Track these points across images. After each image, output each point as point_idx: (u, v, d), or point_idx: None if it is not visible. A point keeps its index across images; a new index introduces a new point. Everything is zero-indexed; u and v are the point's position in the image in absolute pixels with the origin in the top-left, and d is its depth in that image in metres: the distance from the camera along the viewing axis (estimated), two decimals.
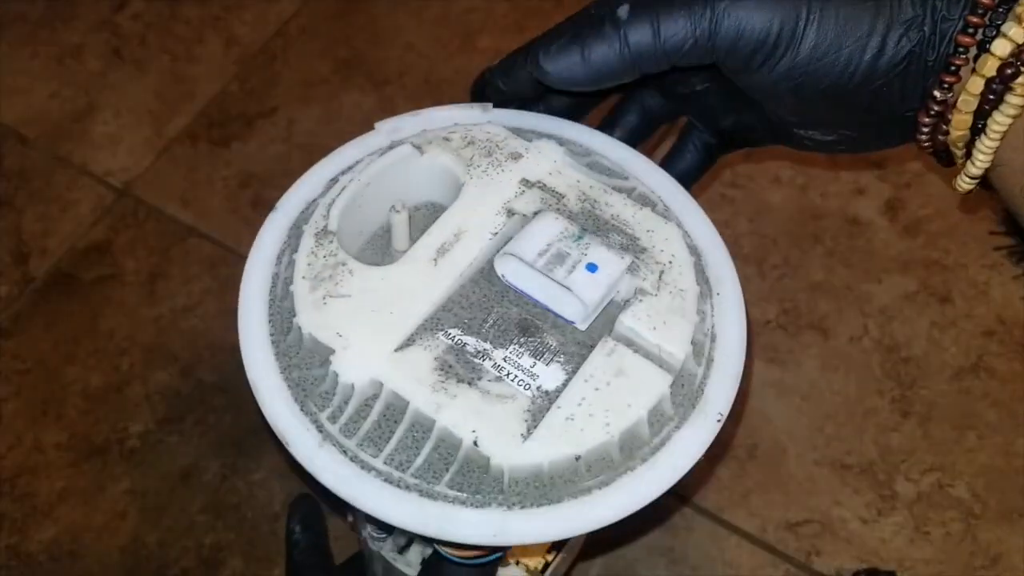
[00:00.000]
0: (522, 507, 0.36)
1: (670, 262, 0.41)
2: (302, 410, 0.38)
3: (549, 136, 0.45)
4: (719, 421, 0.38)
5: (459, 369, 0.37)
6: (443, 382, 0.37)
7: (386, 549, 0.47)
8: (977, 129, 0.33)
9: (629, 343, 0.39)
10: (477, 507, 0.36)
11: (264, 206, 0.86)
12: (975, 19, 0.31)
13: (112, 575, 0.69)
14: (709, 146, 0.45)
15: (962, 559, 0.63)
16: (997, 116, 0.32)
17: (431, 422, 0.36)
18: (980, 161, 0.33)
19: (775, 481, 0.67)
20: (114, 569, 0.69)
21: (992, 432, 0.66)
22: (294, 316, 0.39)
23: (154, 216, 0.87)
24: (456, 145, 0.44)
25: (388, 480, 0.36)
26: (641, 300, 0.39)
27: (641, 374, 0.38)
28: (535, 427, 0.36)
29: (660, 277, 0.40)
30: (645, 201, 0.43)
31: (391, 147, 0.44)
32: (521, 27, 0.91)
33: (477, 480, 0.36)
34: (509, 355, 0.38)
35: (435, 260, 0.40)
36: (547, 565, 0.47)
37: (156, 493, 0.72)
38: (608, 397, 0.37)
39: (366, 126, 0.94)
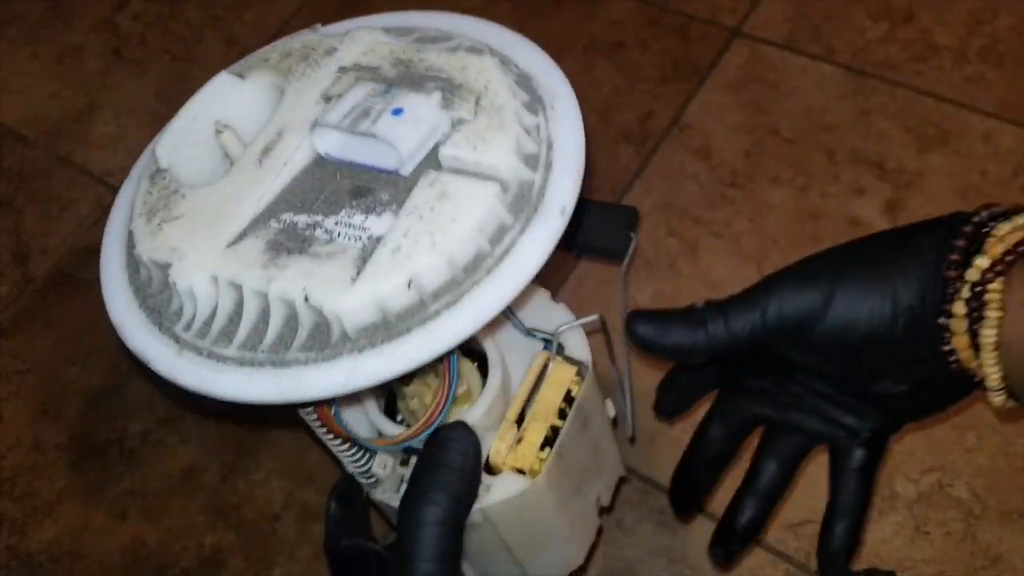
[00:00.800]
0: (372, 348, 0.36)
1: (486, 87, 0.42)
2: (161, 331, 0.39)
3: (370, 27, 0.47)
4: (562, 214, 0.39)
5: (289, 244, 0.38)
6: (273, 259, 0.38)
7: (377, 494, 0.47)
8: (976, 347, 0.39)
9: (454, 171, 0.39)
10: (328, 361, 0.37)
11: None
12: (955, 257, 0.38)
13: (112, 575, 0.69)
14: (865, 465, 0.48)
15: (962, 559, 0.63)
16: (984, 331, 0.38)
17: (265, 296, 0.37)
18: (990, 374, 0.39)
19: None
20: (114, 569, 0.69)
21: (992, 432, 0.66)
22: (134, 249, 0.40)
23: None
24: (275, 61, 0.45)
25: (242, 363, 0.38)
26: (460, 129, 0.40)
27: (464, 192, 0.38)
28: (364, 268, 0.37)
29: (477, 103, 0.41)
30: (470, 50, 0.44)
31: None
32: (521, 27, 0.90)
33: (324, 337, 0.37)
34: (341, 219, 0.39)
35: (260, 162, 0.41)
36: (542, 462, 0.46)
37: (156, 493, 0.72)
38: (432, 221, 0.38)
39: None
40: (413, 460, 0.46)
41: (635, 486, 0.67)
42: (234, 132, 0.44)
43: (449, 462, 0.42)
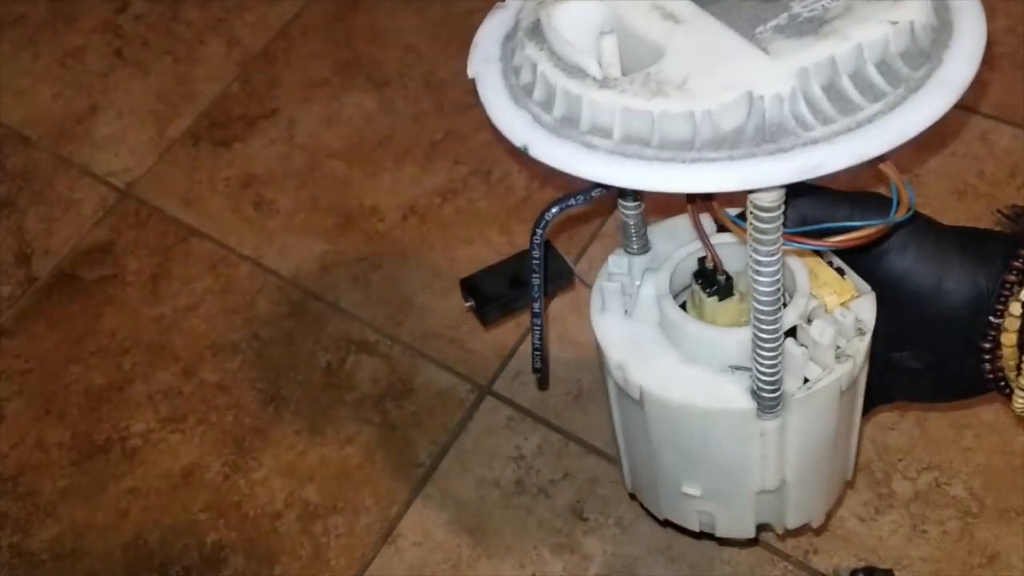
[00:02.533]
0: (918, 90, 0.40)
1: None
2: (732, 161, 0.39)
3: None
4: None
5: (804, 27, 0.40)
6: (818, 39, 0.39)
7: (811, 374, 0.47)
8: (1022, 346, 0.42)
9: None
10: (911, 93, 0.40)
11: (265, 206, 0.86)
12: (1017, 263, 0.42)
13: (114, 573, 0.69)
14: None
15: (959, 557, 0.63)
16: None
17: (858, 48, 0.39)
18: None
19: None
20: (116, 567, 0.69)
21: (989, 431, 0.67)
22: (693, 115, 0.39)
23: (156, 216, 0.87)
24: None
25: (847, 129, 0.39)
26: None
27: None
28: None
29: None
30: None
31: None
32: None
33: (917, 57, 0.40)
34: (795, 7, 0.40)
35: (674, 22, 0.42)
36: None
37: (158, 492, 0.72)
38: None
39: (367, 126, 0.94)
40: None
41: None
42: (614, 36, 0.44)
43: None
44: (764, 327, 0.43)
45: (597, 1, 0.44)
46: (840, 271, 0.48)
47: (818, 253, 0.48)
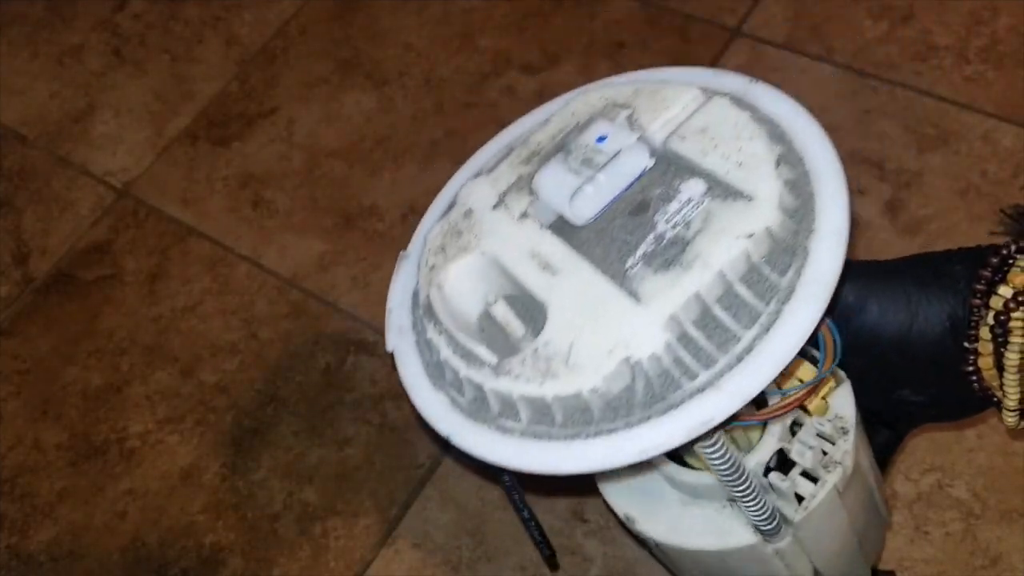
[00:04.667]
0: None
1: (618, 98, 0.46)
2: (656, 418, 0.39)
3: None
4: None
5: (667, 255, 0.40)
6: (682, 273, 0.39)
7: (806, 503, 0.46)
8: (1000, 368, 0.42)
9: (681, 135, 0.43)
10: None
11: (264, 206, 0.86)
12: (979, 286, 0.42)
13: (112, 575, 0.69)
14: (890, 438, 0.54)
15: (962, 559, 0.63)
16: (1008, 354, 0.41)
17: (724, 278, 0.39)
18: (1010, 393, 0.42)
19: None
20: (114, 569, 0.69)
21: (992, 432, 0.66)
22: (581, 393, 0.40)
23: (154, 216, 0.87)
24: (452, 252, 0.45)
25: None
26: (635, 118, 0.44)
27: (714, 120, 0.43)
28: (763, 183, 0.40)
29: (635, 94, 0.46)
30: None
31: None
32: (521, 27, 0.91)
33: (756, 280, 0.39)
34: (659, 225, 0.40)
35: (552, 274, 0.42)
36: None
37: (156, 493, 0.72)
38: (727, 143, 0.42)
39: (366, 126, 0.94)
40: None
41: None
42: (503, 301, 0.44)
43: None
44: (736, 489, 0.43)
45: (480, 256, 0.44)
46: (813, 359, 0.47)
47: None
